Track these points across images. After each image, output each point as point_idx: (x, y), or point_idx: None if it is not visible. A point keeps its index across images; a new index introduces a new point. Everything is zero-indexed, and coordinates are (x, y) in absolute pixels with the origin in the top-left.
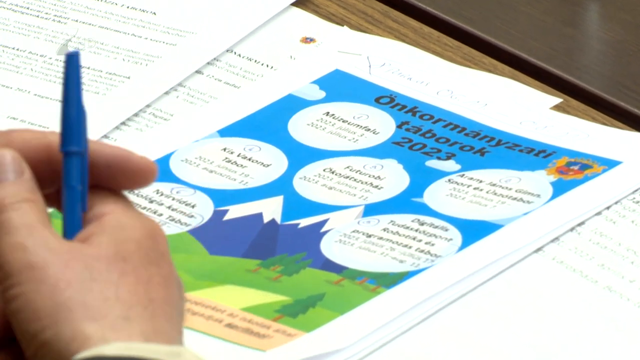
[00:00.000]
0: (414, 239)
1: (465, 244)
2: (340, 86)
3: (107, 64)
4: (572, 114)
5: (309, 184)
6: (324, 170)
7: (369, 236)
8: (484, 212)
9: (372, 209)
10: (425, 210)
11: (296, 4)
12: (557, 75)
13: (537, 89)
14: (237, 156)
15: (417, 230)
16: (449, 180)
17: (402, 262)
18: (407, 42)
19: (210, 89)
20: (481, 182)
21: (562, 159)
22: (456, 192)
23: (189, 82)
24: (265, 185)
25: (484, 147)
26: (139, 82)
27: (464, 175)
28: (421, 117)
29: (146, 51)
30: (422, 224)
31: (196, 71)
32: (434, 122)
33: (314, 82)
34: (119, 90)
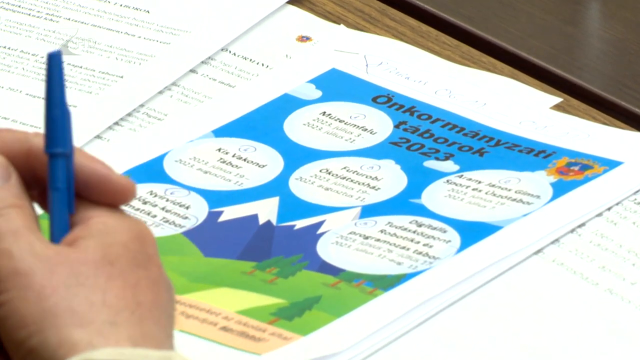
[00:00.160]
0: (412, 241)
1: (463, 245)
2: (337, 85)
3: (100, 63)
4: (572, 113)
5: (305, 184)
6: (321, 170)
7: (366, 238)
8: (483, 214)
9: (369, 210)
10: (423, 211)
11: (292, 2)
12: (557, 74)
13: (537, 89)
14: (232, 157)
15: (415, 231)
16: (448, 181)
17: (399, 264)
18: (405, 41)
19: (204, 88)
20: (480, 182)
21: (562, 160)
22: (455, 193)
23: (183, 82)
24: (260, 186)
25: (483, 147)
26: (133, 81)
27: (462, 175)
28: (419, 117)
29: (140, 50)
30: (420, 226)
31: (190, 70)
32: (432, 122)
33: (310, 81)
34: (112, 89)
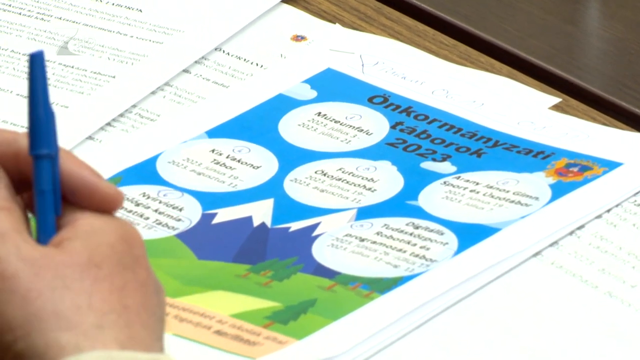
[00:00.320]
0: (409, 243)
1: (461, 248)
2: (332, 85)
3: (91, 63)
4: (571, 114)
5: (300, 186)
6: (316, 172)
7: (362, 240)
8: (481, 216)
9: (365, 212)
10: (420, 213)
11: (287, 1)
12: (556, 74)
13: (535, 89)
14: (226, 158)
15: (411, 234)
16: (445, 182)
17: (396, 267)
18: (402, 40)
19: (198, 88)
20: (478, 184)
21: (561, 161)
22: (452, 194)
23: (176, 82)
24: (255, 187)
25: (481, 148)
26: (125, 81)
27: (460, 177)
28: (416, 117)
29: (132, 50)
30: (417, 228)
31: (183, 70)
32: (429, 123)
33: (305, 81)
34: (104, 90)
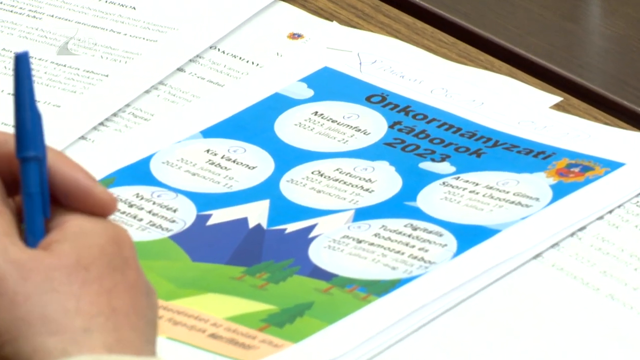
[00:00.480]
0: (407, 245)
1: (460, 250)
2: (329, 84)
3: (84, 62)
4: (572, 113)
5: (297, 187)
6: (312, 172)
7: (360, 242)
8: (480, 217)
9: (362, 214)
10: (418, 214)
11: None
12: (557, 72)
13: (536, 87)
14: (221, 158)
15: (410, 235)
16: (444, 183)
17: (394, 269)
18: (400, 38)
19: (192, 87)
20: (477, 185)
21: (562, 161)
22: (451, 195)
23: (170, 81)
24: (250, 188)
25: (480, 148)
26: (118, 80)
27: (459, 177)
28: (414, 116)
29: (125, 48)
30: (416, 229)
31: (178, 69)
32: (428, 122)
33: (302, 80)
34: (96, 89)
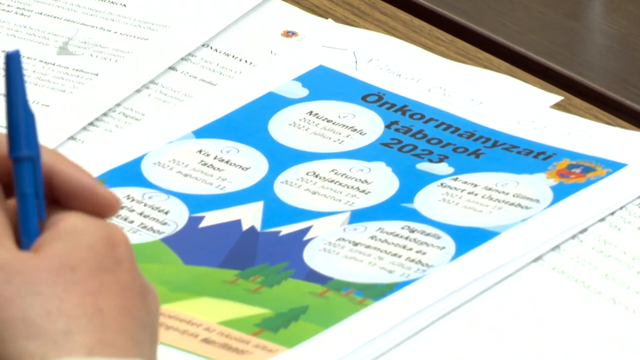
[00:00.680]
0: (404, 248)
1: (458, 252)
2: (324, 83)
3: (74, 60)
4: (573, 112)
5: (291, 188)
6: (307, 173)
7: (356, 244)
8: (479, 219)
9: (358, 216)
10: (416, 216)
11: None
12: (557, 71)
13: (536, 86)
14: (214, 159)
15: (407, 238)
16: (442, 184)
17: (391, 272)
18: (397, 36)
19: (184, 86)
20: (476, 186)
21: (563, 162)
22: (449, 197)
23: (161, 79)
24: (244, 190)
25: (479, 148)
26: (108, 79)
27: (457, 178)
28: (411, 116)
29: (116, 46)
30: (413, 232)
31: (169, 67)
32: (426, 122)
33: (297, 79)
34: (86, 88)
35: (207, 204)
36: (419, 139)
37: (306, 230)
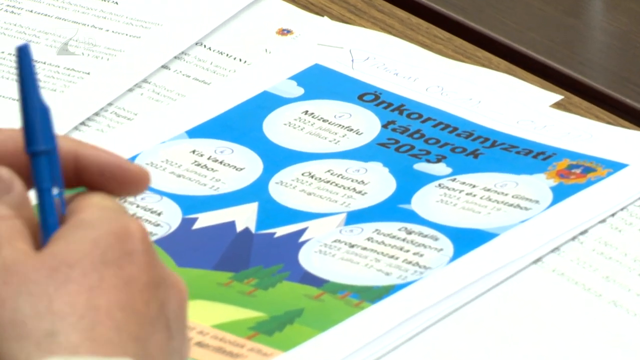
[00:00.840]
0: (401, 249)
1: (457, 254)
2: (320, 82)
3: (64, 59)
4: (573, 112)
5: (286, 189)
6: (303, 174)
7: (352, 246)
8: (478, 220)
9: (355, 217)
10: (413, 217)
11: None
12: (557, 69)
13: (535, 85)
14: (208, 159)
15: (404, 239)
16: (439, 185)
17: (388, 274)
18: (394, 34)
19: (177, 85)
20: (474, 187)
21: (563, 162)
22: (447, 197)
23: (154, 78)
24: (238, 190)
25: (478, 148)
26: (100, 78)
27: (455, 179)
28: (409, 116)
29: (108, 44)
30: (410, 233)
31: (162, 66)
32: (423, 122)
33: (292, 77)
34: (77, 87)
35: (200, 205)
36: (416, 139)
37: (301, 231)
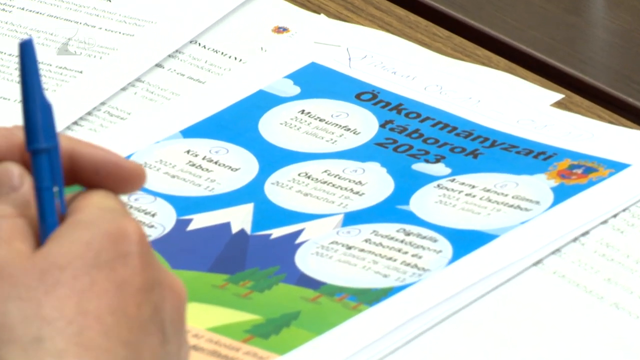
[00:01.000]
0: (400, 251)
1: (456, 256)
2: (316, 81)
3: (57, 58)
4: (574, 111)
5: (283, 190)
6: (299, 174)
7: (349, 248)
8: (477, 221)
9: (352, 218)
10: (411, 218)
11: None
12: (558, 68)
13: (536, 84)
14: (202, 159)
15: (402, 241)
16: (438, 185)
17: (386, 276)
18: (392, 32)
19: (172, 84)
20: (474, 187)
21: (564, 162)
22: (446, 198)
23: (148, 77)
24: (233, 191)
25: (477, 148)
26: (93, 77)
27: (454, 179)
28: (407, 115)
29: (101, 43)
30: (408, 234)
31: (156, 65)
32: (422, 121)
33: (288, 76)
34: (70, 86)
35: (195, 206)
36: (414, 139)
37: (298, 233)
